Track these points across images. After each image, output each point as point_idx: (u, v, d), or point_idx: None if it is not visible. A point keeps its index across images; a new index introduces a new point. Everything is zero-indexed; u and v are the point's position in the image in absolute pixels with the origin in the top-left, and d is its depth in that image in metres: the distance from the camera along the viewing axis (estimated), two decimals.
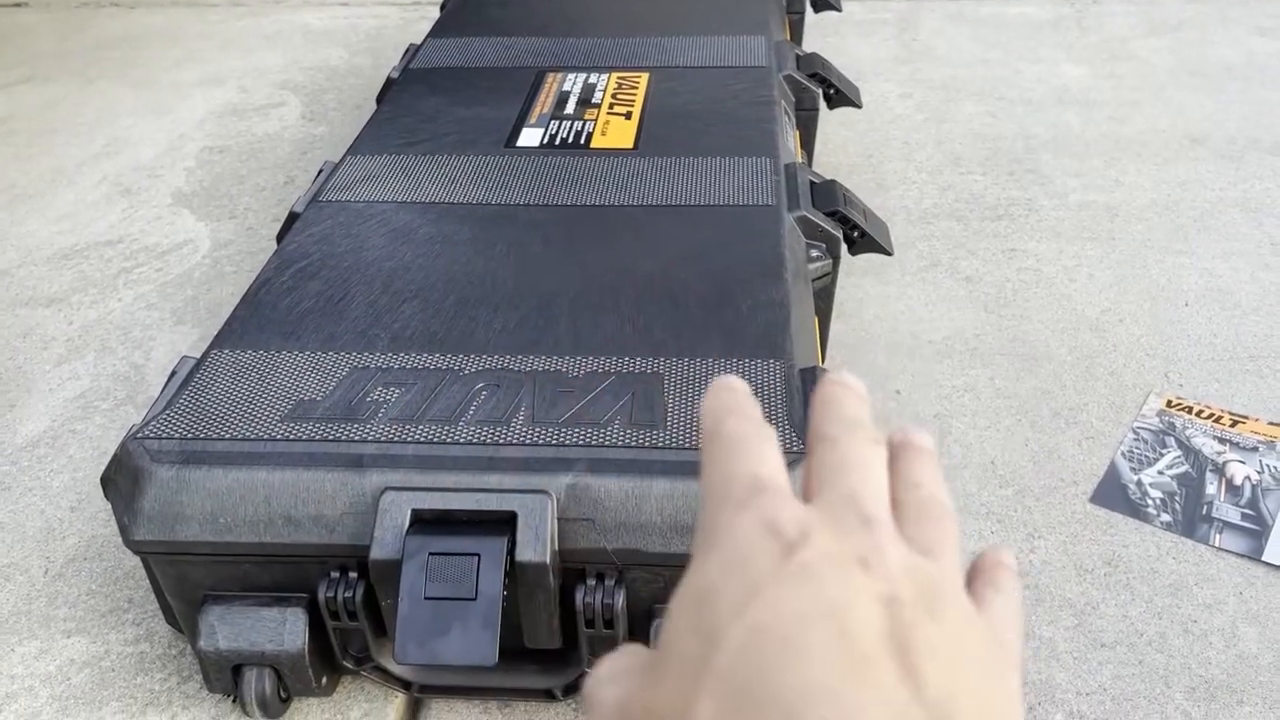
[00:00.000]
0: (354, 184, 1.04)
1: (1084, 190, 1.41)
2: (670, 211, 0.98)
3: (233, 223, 1.42)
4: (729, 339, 0.81)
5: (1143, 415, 1.02)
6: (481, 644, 0.65)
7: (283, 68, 1.92)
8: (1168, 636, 0.81)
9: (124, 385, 1.12)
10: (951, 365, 1.10)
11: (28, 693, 0.79)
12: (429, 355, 0.80)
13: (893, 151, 1.53)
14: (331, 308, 0.86)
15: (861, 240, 1.02)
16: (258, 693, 0.73)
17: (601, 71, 1.27)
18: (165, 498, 0.69)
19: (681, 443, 0.71)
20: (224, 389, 0.77)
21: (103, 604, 0.87)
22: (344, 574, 0.70)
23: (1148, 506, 0.92)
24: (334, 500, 0.69)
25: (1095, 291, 1.21)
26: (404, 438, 0.72)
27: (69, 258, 1.36)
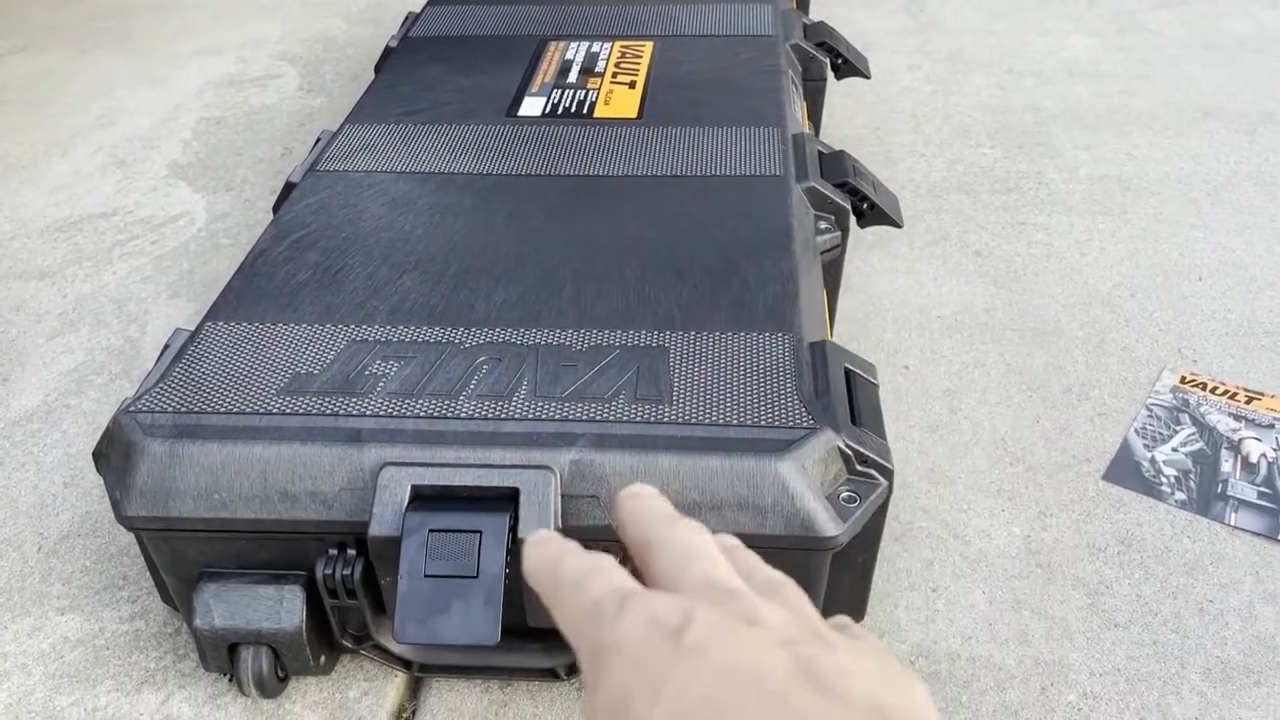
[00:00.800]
0: (352, 153, 1.02)
1: (1095, 164, 1.39)
2: (675, 182, 0.96)
3: (229, 195, 1.40)
4: (736, 312, 0.79)
5: (1156, 392, 1.00)
6: (483, 623, 0.63)
7: (280, 38, 1.89)
8: (1183, 616, 0.79)
9: (118, 359, 1.10)
10: (961, 340, 1.08)
11: (20, 670, 0.78)
12: (429, 328, 0.78)
13: (900, 124, 1.50)
14: (329, 279, 0.84)
15: (871, 212, 0.99)
16: (254, 672, 0.72)
17: (604, 40, 1.24)
18: (158, 473, 0.68)
19: (687, 418, 0.70)
20: (219, 362, 0.75)
21: (97, 581, 0.85)
22: (342, 551, 0.69)
23: (1162, 484, 0.90)
24: (332, 476, 0.67)
25: (1107, 266, 1.19)
26: (403, 412, 0.70)
27: (63, 230, 1.33)
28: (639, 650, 0.26)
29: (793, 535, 0.66)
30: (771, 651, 0.25)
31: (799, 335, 0.76)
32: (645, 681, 0.25)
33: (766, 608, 0.27)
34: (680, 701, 0.24)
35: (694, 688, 0.25)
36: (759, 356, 0.74)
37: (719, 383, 0.72)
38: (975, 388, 1.01)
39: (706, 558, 0.30)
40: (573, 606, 0.30)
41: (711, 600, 0.27)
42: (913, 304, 1.13)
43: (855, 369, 0.76)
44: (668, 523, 0.32)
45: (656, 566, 0.31)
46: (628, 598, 0.28)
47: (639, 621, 0.27)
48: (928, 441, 0.95)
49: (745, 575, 0.31)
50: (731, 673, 0.25)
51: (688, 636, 0.26)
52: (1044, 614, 0.80)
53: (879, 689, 0.25)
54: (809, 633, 0.27)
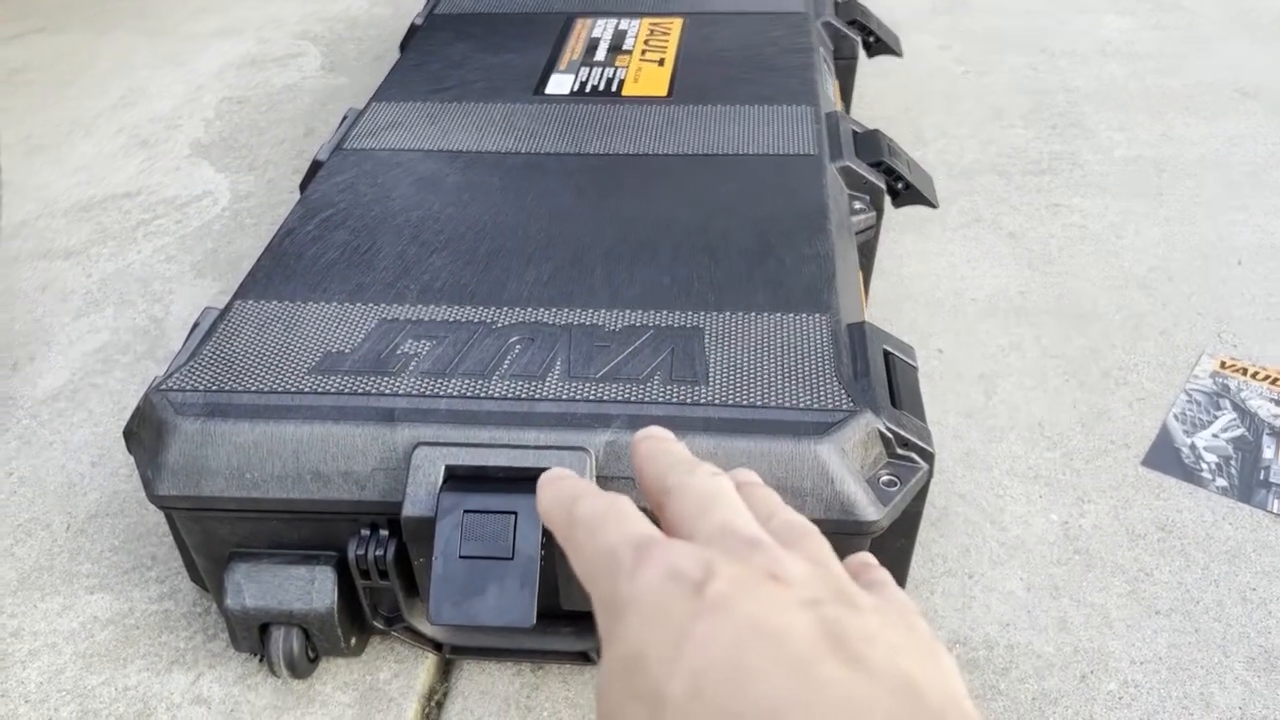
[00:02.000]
0: (379, 131, 1.01)
1: (1130, 145, 1.37)
2: (707, 161, 0.94)
3: (252, 175, 1.39)
4: (771, 292, 0.77)
5: (1195, 376, 0.98)
6: (519, 605, 0.62)
7: (301, 18, 1.88)
8: (1225, 604, 0.78)
9: (144, 339, 1.10)
10: (995, 324, 1.06)
11: (50, 649, 0.78)
12: (460, 307, 0.77)
13: (932, 104, 1.48)
14: (358, 258, 0.83)
15: (906, 192, 0.98)
16: (285, 652, 0.71)
17: (632, 17, 1.22)
18: (190, 451, 0.67)
19: (724, 399, 0.68)
20: (249, 340, 0.74)
21: (126, 560, 0.85)
22: (375, 532, 0.68)
23: (1202, 470, 0.89)
24: (365, 455, 0.66)
25: (1143, 248, 1.16)
26: (436, 392, 0.69)
27: (87, 210, 1.33)
28: (656, 604, 0.25)
29: (832, 519, 0.64)
30: (795, 612, 0.24)
31: (837, 316, 0.75)
32: (663, 638, 0.24)
33: (790, 561, 0.26)
34: (699, 661, 0.23)
35: (714, 648, 0.23)
36: (796, 337, 0.73)
37: (755, 364, 0.71)
38: (1011, 371, 1.00)
39: (726, 504, 0.29)
40: (588, 551, 0.28)
41: (732, 551, 0.26)
42: (946, 286, 1.12)
43: (894, 351, 0.74)
44: (686, 467, 0.31)
45: (673, 512, 0.30)
46: (645, 547, 0.27)
47: (657, 573, 0.26)
48: (963, 426, 0.94)
49: (765, 518, 0.29)
50: (754, 634, 0.23)
51: (708, 591, 0.24)
52: (1083, 601, 0.78)
53: (907, 659, 0.24)
54: (834, 590, 0.26)
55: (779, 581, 0.25)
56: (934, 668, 0.24)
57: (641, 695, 0.24)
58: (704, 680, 0.23)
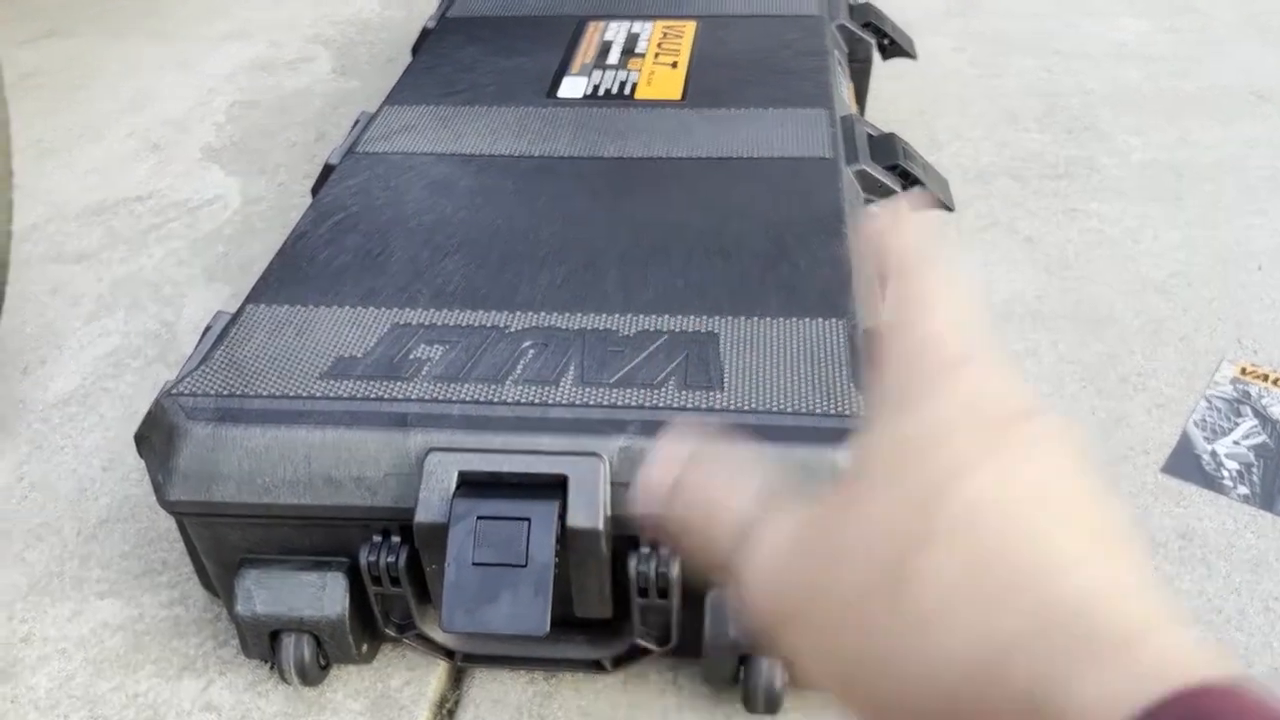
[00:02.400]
0: (391, 135, 1.00)
1: (1146, 148, 1.35)
2: (721, 164, 0.94)
3: (263, 178, 1.39)
4: (787, 297, 0.77)
5: (1215, 383, 0.97)
6: (533, 613, 0.61)
7: (313, 21, 1.88)
8: (1247, 614, 0.77)
9: (155, 343, 1.09)
10: (1012, 329, 1.05)
11: (61, 655, 0.77)
12: (473, 312, 0.76)
13: (946, 107, 1.47)
14: (371, 261, 0.82)
15: None
16: (296, 659, 0.70)
17: (645, 20, 1.22)
18: (201, 456, 0.66)
19: (739, 405, 0.68)
20: (261, 344, 0.74)
21: (136, 566, 0.84)
22: (387, 538, 0.67)
23: (1223, 478, 0.87)
24: (377, 461, 0.66)
25: (1162, 253, 1.15)
26: (449, 397, 0.68)
27: (98, 213, 1.33)
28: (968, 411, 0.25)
29: None
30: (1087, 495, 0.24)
31: (854, 321, 0.74)
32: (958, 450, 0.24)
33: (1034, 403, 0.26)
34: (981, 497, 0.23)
35: (1002, 491, 0.23)
36: (812, 343, 0.72)
37: (771, 369, 0.70)
38: (1028, 377, 0.99)
39: None
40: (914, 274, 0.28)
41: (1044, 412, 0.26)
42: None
43: None
44: None
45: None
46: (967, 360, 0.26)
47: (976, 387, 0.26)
48: None
49: None
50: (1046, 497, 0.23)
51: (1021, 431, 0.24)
52: None
53: None
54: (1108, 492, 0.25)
55: (1081, 461, 0.25)
56: None
57: (909, 491, 0.24)
58: (979, 514, 0.23)
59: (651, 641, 0.71)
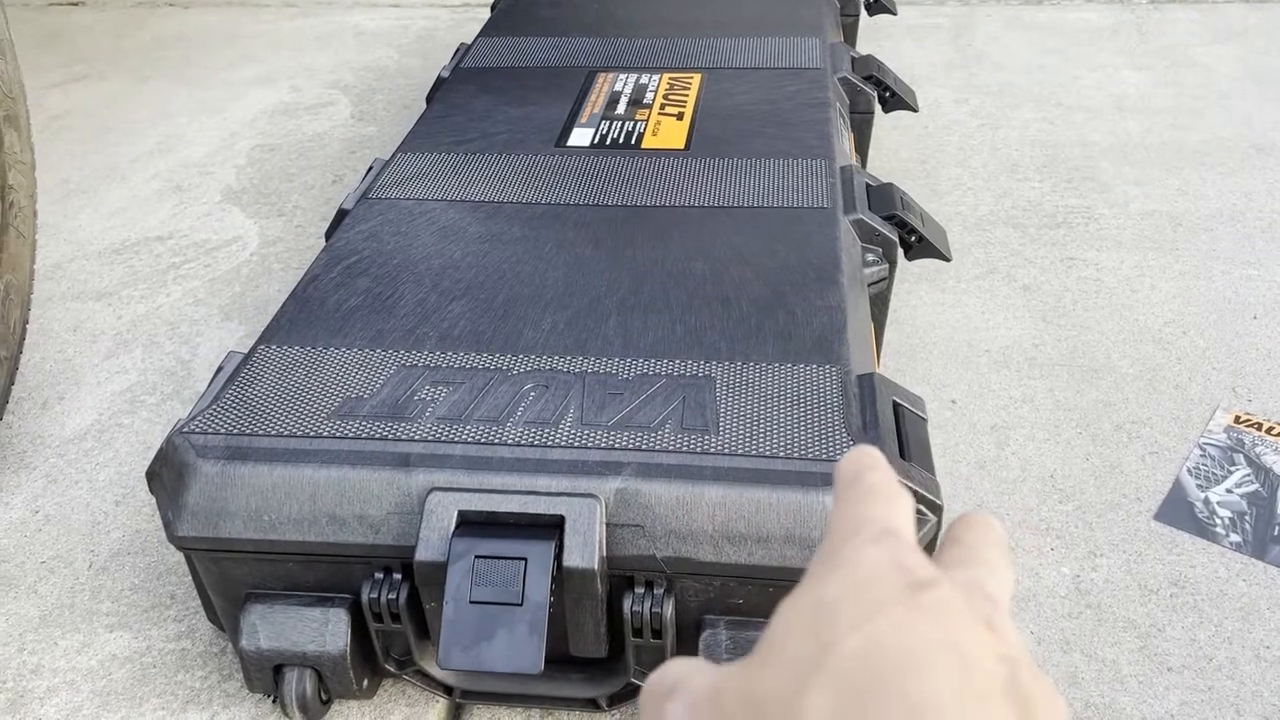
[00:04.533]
0: (404, 181, 1.04)
1: (1145, 199, 1.38)
2: (723, 213, 0.96)
3: (281, 220, 1.42)
4: (783, 343, 0.79)
5: (1209, 431, 0.98)
6: (527, 651, 0.63)
7: (333, 68, 1.93)
8: (1239, 662, 0.77)
9: (170, 380, 1.12)
10: (1009, 375, 1.07)
11: (69, 686, 0.79)
12: (477, 354, 0.79)
13: (947, 157, 1.50)
14: (380, 305, 0.85)
15: (919, 245, 0.99)
16: (298, 693, 0.72)
17: (653, 72, 1.25)
18: (210, 493, 0.68)
19: (734, 449, 0.69)
20: (271, 385, 0.76)
21: (145, 599, 0.86)
22: (388, 575, 0.69)
23: (1216, 526, 0.88)
24: (380, 500, 0.68)
25: (1158, 302, 1.17)
26: (451, 437, 0.71)
27: (120, 252, 1.36)
28: (870, 576, 0.25)
29: None
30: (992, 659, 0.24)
31: (847, 368, 0.76)
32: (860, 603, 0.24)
33: (1014, 631, 0.26)
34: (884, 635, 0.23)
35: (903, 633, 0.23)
36: (806, 388, 0.74)
37: (766, 414, 0.72)
38: (1024, 424, 1.00)
39: (987, 568, 0.29)
40: (845, 508, 0.29)
41: (965, 591, 0.26)
42: (960, 337, 1.12)
43: (904, 403, 0.75)
44: (986, 542, 0.30)
45: (944, 556, 0.30)
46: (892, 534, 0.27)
47: (887, 557, 0.26)
48: (975, 477, 0.94)
49: None
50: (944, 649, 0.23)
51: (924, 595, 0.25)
52: (1094, 656, 0.78)
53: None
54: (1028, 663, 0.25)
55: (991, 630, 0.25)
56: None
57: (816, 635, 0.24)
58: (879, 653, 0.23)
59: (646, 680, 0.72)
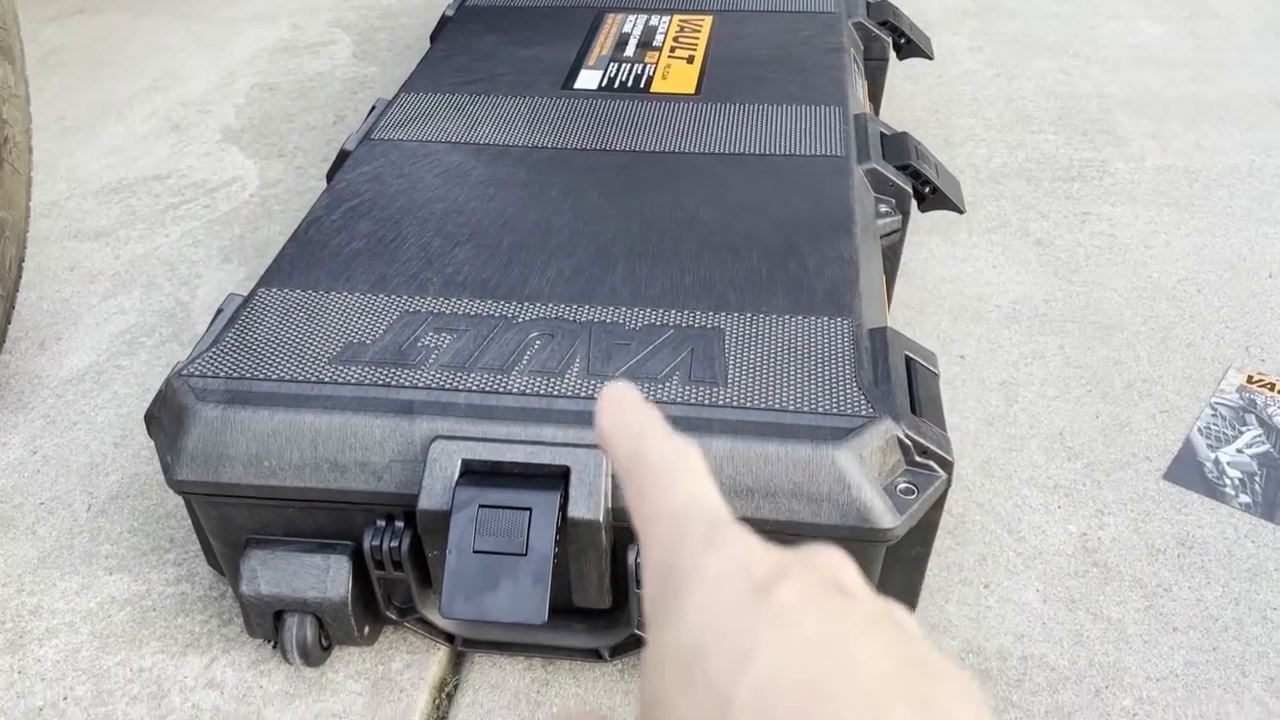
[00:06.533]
0: (407, 122, 1.01)
1: (1162, 153, 1.35)
2: (733, 160, 0.94)
3: (281, 161, 1.40)
4: (794, 295, 0.77)
5: (1221, 391, 0.97)
6: (531, 601, 0.62)
7: (334, 5, 1.89)
8: (1245, 623, 0.77)
9: (169, 322, 1.11)
10: (1019, 331, 1.05)
11: (68, 628, 0.79)
12: (482, 301, 0.77)
13: (961, 107, 1.47)
14: (382, 249, 0.83)
15: (933, 196, 0.97)
16: (299, 640, 0.72)
17: (663, 13, 1.22)
18: (209, 438, 0.67)
19: (742, 402, 0.68)
20: (271, 328, 0.75)
21: (144, 543, 0.85)
22: (390, 523, 0.68)
23: (1225, 486, 0.88)
24: (382, 447, 0.67)
25: (1173, 259, 1.15)
26: (455, 385, 0.69)
27: (117, 191, 1.34)
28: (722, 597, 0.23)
29: (848, 526, 0.64)
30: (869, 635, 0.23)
31: (859, 320, 0.74)
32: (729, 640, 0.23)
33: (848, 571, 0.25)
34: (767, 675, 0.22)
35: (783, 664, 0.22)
36: (817, 341, 0.73)
37: (775, 367, 0.71)
38: (1033, 380, 0.99)
39: None
40: (651, 503, 0.26)
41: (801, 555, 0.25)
42: (970, 292, 1.11)
43: (916, 357, 0.74)
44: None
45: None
46: (718, 526, 0.25)
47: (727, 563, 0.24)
48: (983, 434, 0.93)
49: None
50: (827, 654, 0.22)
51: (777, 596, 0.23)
52: (1100, 615, 0.78)
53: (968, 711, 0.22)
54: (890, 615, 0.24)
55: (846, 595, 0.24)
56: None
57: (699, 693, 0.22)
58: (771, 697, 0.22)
59: None
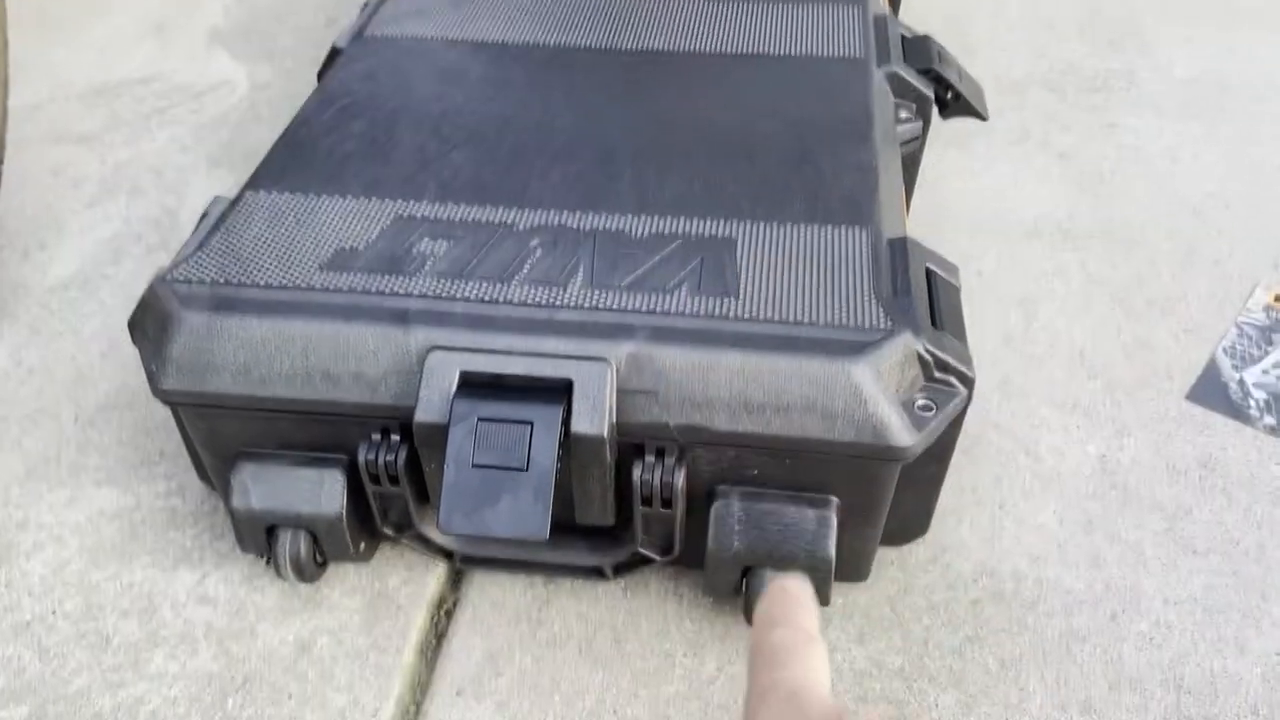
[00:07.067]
0: (402, 18, 0.96)
1: (1191, 62, 1.29)
2: (746, 60, 0.89)
3: (270, 64, 1.34)
4: (810, 203, 0.73)
5: (1248, 309, 0.94)
6: (533, 517, 0.60)
7: None
8: (1267, 548, 0.75)
9: (156, 230, 1.07)
10: (1040, 246, 1.01)
11: (56, 541, 0.76)
12: (480, 207, 0.73)
13: (982, 12, 1.40)
14: (376, 150, 0.79)
15: (955, 103, 0.92)
16: (292, 555, 0.69)
17: None
18: (195, 345, 0.64)
19: (755, 314, 0.65)
20: (259, 232, 0.71)
21: (133, 455, 0.83)
22: (386, 436, 0.65)
23: (1250, 408, 0.85)
24: (376, 357, 0.63)
25: (1200, 173, 1.11)
26: (452, 294, 0.66)
27: (101, 94, 1.29)
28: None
29: (863, 443, 0.61)
30: None
31: (878, 230, 0.70)
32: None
33: None
34: None
35: None
36: (834, 251, 0.69)
37: (790, 278, 0.67)
38: (1054, 297, 0.95)
39: None
40: (756, 677, 0.31)
41: None
42: (990, 206, 1.07)
43: (937, 269, 0.70)
44: None
45: None
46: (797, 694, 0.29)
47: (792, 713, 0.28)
48: (1001, 352, 0.90)
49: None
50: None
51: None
52: (1117, 538, 0.75)
53: None
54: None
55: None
56: None
57: None
58: None
59: (654, 550, 0.70)
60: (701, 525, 0.66)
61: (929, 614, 0.71)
